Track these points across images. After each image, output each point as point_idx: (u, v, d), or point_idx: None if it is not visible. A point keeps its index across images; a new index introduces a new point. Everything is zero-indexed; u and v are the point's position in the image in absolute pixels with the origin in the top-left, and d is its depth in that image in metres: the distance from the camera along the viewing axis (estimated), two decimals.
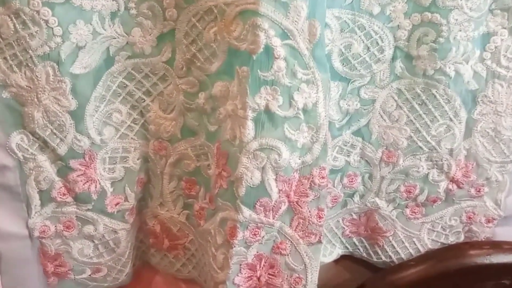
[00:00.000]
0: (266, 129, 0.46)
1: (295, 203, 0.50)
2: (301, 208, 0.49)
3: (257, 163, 0.46)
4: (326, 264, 0.67)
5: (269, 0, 0.41)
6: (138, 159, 0.53)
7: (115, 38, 0.47)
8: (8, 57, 0.44)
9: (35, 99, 0.46)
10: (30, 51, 0.43)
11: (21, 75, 0.45)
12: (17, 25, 0.42)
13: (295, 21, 0.42)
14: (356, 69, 0.52)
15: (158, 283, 0.62)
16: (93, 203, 0.51)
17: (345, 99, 0.53)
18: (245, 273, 0.51)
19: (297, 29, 0.43)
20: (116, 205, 0.52)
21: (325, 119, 0.47)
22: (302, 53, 0.44)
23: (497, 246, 0.62)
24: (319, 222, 0.50)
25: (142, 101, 0.50)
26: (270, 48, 0.43)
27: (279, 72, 0.43)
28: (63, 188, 0.50)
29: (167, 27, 0.48)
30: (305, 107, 0.46)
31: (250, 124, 0.45)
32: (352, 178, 0.59)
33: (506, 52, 0.54)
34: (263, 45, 0.42)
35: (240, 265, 0.51)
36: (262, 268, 0.52)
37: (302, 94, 0.45)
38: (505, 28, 0.53)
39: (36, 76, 0.45)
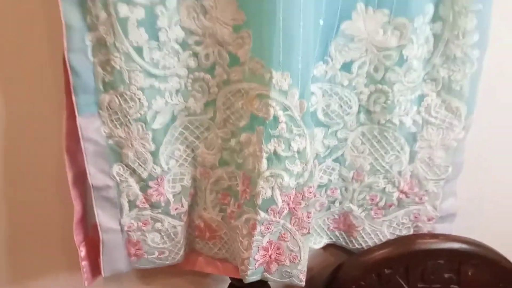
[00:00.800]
0: (274, 164, 0.64)
1: (292, 208, 0.68)
2: (297, 211, 0.68)
3: (269, 184, 0.65)
4: (316, 252, 0.85)
5: (276, 89, 0.60)
6: (190, 180, 0.71)
7: (178, 105, 0.66)
8: (114, 120, 0.64)
9: (129, 144, 0.65)
10: (128, 116, 0.64)
11: (121, 130, 0.65)
12: (121, 101, 0.63)
13: (291, 101, 0.61)
14: (334, 119, 0.71)
15: (201, 262, 0.79)
16: (161, 209, 0.70)
17: (326, 139, 0.72)
18: (261, 253, 0.69)
19: (293, 105, 0.62)
20: (175, 209, 0.71)
21: (311, 157, 0.66)
22: (296, 119, 0.63)
23: (435, 237, 0.79)
24: (308, 220, 0.69)
25: (194, 143, 0.70)
26: (277, 117, 0.62)
27: (282, 130, 0.63)
28: (143, 199, 0.69)
29: (211, 98, 0.67)
30: (298, 150, 0.64)
31: (264, 161, 0.64)
32: (333, 191, 0.77)
33: (435, 107, 0.72)
34: (272, 115, 0.62)
35: (258, 247, 0.69)
36: (272, 249, 0.70)
37: (296, 142, 0.64)
38: (434, 92, 0.71)
39: (131, 131, 0.65)
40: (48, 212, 0.79)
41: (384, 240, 0.80)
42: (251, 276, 0.72)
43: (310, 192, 0.69)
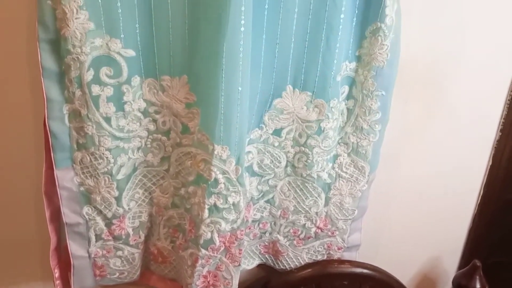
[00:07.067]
0: (214, 213, 0.79)
1: (228, 246, 0.84)
2: (231, 249, 0.84)
3: (209, 229, 0.80)
4: (250, 269, 1.02)
5: (217, 158, 0.76)
6: (147, 216, 0.86)
7: (138, 159, 0.81)
8: (85, 172, 0.78)
9: (97, 191, 0.80)
10: (97, 170, 0.78)
11: (91, 180, 0.79)
12: (91, 159, 0.77)
13: (229, 167, 0.77)
14: (266, 171, 0.88)
15: (155, 279, 0.95)
16: (122, 240, 0.85)
17: (260, 185, 0.89)
18: (201, 280, 0.86)
19: (230, 170, 0.77)
20: (134, 240, 0.87)
21: (243, 208, 0.82)
22: (232, 180, 0.78)
23: (342, 262, 0.98)
24: (240, 255, 0.86)
25: (151, 188, 0.84)
26: (217, 179, 0.77)
27: (221, 189, 0.78)
28: (107, 233, 0.84)
29: (166, 154, 0.81)
30: (234, 203, 0.80)
31: (206, 211, 0.79)
32: (264, 224, 0.94)
33: (345, 165, 0.89)
34: (213, 178, 0.77)
35: (199, 275, 0.85)
36: (210, 277, 0.87)
37: (232, 197, 0.79)
38: (345, 153, 0.89)
39: (99, 181, 0.79)
40: (29, 238, 0.94)
41: (303, 263, 0.98)
42: None
43: (242, 235, 0.86)
